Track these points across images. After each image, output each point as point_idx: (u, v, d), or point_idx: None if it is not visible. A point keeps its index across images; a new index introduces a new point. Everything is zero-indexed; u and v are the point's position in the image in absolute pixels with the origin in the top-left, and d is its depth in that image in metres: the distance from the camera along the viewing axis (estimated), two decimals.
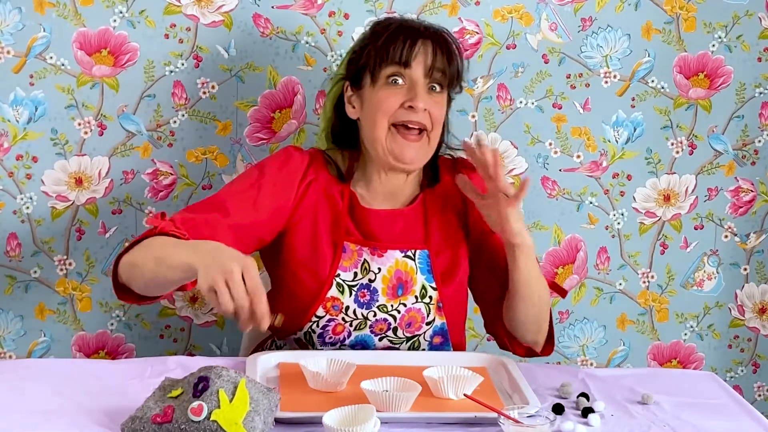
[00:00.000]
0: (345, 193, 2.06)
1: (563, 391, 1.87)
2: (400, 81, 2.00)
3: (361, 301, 2.03)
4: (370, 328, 2.05)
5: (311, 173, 2.07)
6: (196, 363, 1.86)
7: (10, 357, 2.45)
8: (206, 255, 1.69)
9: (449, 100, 2.10)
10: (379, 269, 2.04)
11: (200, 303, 2.52)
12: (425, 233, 2.08)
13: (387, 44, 2.00)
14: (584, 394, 1.84)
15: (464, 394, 1.75)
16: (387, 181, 2.07)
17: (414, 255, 2.06)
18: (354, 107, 2.07)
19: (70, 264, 2.44)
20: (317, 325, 2.03)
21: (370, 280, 2.03)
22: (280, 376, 1.86)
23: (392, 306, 2.04)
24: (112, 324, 2.49)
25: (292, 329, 2.05)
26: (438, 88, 2.02)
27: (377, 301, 2.04)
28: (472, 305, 2.17)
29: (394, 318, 2.05)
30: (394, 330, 2.05)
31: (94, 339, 2.49)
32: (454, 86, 2.06)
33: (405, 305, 2.05)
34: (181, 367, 1.89)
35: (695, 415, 1.80)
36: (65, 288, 2.45)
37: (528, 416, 1.65)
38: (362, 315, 2.03)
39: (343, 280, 2.02)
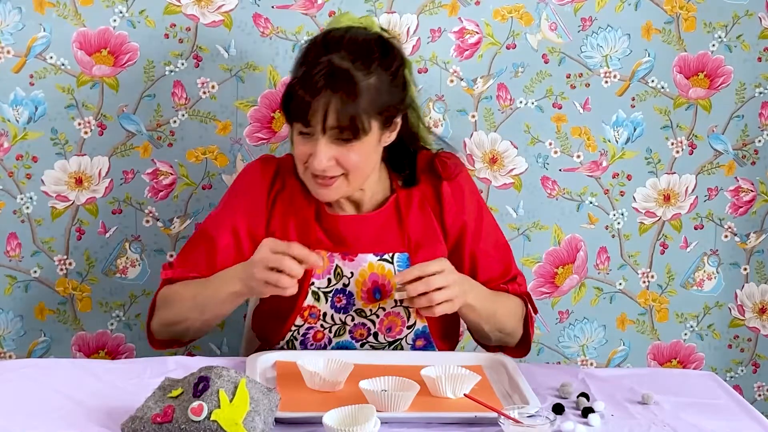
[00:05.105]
0: (312, 200, 2.04)
1: (563, 391, 1.87)
2: (306, 132, 1.93)
3: (338, 306, 2.02)
4: (349, 333, 2.04)
5: (278, 183, 2.07)
6: (196, 363, 1.86)
7: (10, 357, 2.45)
8: (239, 272, 1.89)
9: (405, 115, 2.02)
10: (352, 273, 2.02)
11: None
12: (402, 236, 2.06)
13: (288, 98, 1.91)
14: (584, 394, 1.84)
15: (464, 394, 1.75)
16: None
17: (392, 258, 2.04)
18: None
19: (70, 264, 2.44)
20: (298, 333, 2.03)
21: (345, 285, 2.02)
22: (278, 375, 1.87)
23: (371, 311, 2.03)
24: (112, 324, 2.49)
25: (274, 340, 2.05)
26: (344, 141, 1.91)
27: (354, 305, 2.03)
28: None
29: (374, 323, 2.04)
30: (375, 335, 2.04)
31: (94, 339, 2.49)
32: (365, 130, 1.90)
33: (384, 309, 2.03)
34: (181, 367, 1.89)
35: (695, 415, 1.80)
36: (65, 288, 2.45)
37: (528, 416, 1.65)
38: (340, 320, 2.03)
39: (318, 288, 2.02)
